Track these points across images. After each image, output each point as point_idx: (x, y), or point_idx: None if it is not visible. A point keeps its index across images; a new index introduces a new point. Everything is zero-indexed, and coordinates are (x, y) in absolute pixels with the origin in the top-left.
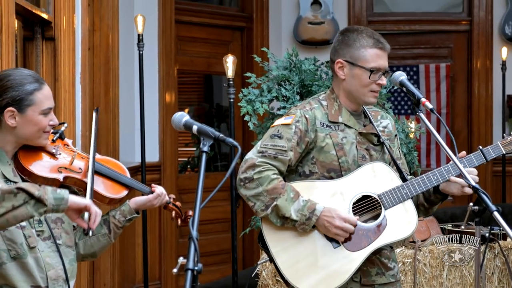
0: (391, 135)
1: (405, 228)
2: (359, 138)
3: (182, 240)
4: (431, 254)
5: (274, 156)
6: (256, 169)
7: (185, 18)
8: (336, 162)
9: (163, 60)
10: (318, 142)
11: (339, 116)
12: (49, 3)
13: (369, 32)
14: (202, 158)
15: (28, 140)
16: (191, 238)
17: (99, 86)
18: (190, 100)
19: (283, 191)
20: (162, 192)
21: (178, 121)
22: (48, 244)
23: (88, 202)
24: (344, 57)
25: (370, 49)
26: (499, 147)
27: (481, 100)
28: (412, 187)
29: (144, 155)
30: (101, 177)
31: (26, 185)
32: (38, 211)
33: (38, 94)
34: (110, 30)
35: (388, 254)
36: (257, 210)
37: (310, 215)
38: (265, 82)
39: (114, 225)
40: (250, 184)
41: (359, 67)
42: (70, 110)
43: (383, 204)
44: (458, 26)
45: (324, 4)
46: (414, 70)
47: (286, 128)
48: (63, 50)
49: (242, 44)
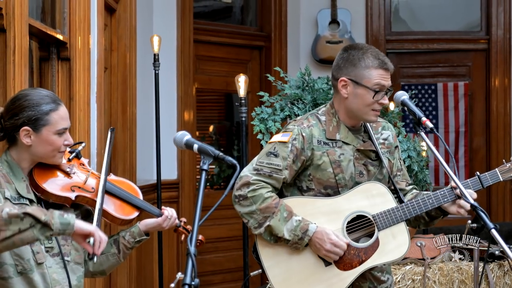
0: (391, 147)
1: (396, 251)
2: (356, 155)
3: (200, 257)
4: (441, 272)
5: (269, 175)
6: (250, 187)
7: (203, 38)
8: (333, 179)
9: (181, 79)
10: (315, 160)
11: (337, 133)
12: (65, 25)
13: (374, 51)
14: (202, 176)
15: (42, 159)
16: (189, 254)
17: (116, 105)
18: (211, 118)
19: (276, 210)
20: (172, 215)
21: (179, 140)
22: (57, 261)
23: (93, 229)
24: (349, 76)
25: (375, 70)
26: (497, 174)
27: (500, 118)
28: (406, 210)
29: (159, 173)
30: (112, 198)
31: (33, 209)
32: (44, 235)
33: (54, 115)
34: (128, 50)
35: (382, 267)
36: (251, 227)
37: (303, 236)
38: (278, 101)
39: (123, 245)
40: (244, 201)
41: (363, 87)
42: (85, 129)
43: (376, 225)
44: (476, 45)
45: (342, 23)
46: (432, 89)
47: (283, 146)
48: (78, 70)
49: (260, 63)
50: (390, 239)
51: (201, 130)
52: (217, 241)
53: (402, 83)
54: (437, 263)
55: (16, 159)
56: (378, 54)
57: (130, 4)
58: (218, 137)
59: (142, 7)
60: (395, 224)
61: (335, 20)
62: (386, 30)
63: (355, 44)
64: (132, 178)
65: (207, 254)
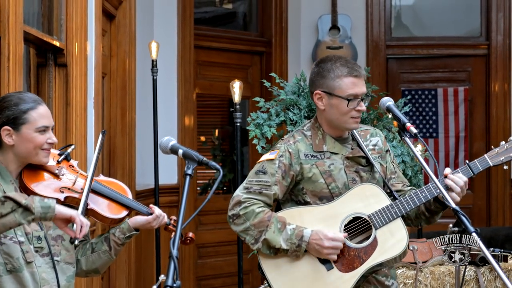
0: (382, 152)
1: (396, 247)
2: (346, 163)
3: (200, 261)
4: (432, 275)
5: (259, 192)
6: (242, 205)
7: (204, 44)
8: (326, 189)
9: (182, 84)
10: (305, 173)
11: (324, 145)
12: (62, 31)
13: (343, 60)
14: (186, 181)
15: (27, 158)
16: (171, 256)
17: (115, 110)
18: (214, 123)
19: (269, 223)
20: (161, 214)
21: (165, 145)
22: (46, 260)
23: (74, 213)
24: (321, 88)
25: (345, 78)
26: (486, 159)
27: (499, 123)
28: (401, 206)
29: (157, 178)
30: (102, 198)
31: (14, 194)
32: (26, 219)
33: (32, 113)
34: (127, 55)
35: (386, 272)
36: (249, 243)
37: (300, 242)
38: (273, 106)
39: (114, 242)
40: (238, 220)
41: (336, 97)
42: (81, 134)
43: (373, 224)
44: (476, 50)
45: (342, 29)
46: (432, 94)
47: (270, 163)
48: (75, 76)
49: (261, 68)
50: (388, 236)
51: (203, 135)
52: (217, 245)
53: (403, 88)
54: (428, 266)
55: (3, 162)
56: (347, 63)
57: (130, 11)
58: (221, 141)
59: (142, 13)
60: (391, 221)
61: (336, 26)
62: (386, 35)
63: (325, 57)
64: (131, 182)
65: (208, 258)
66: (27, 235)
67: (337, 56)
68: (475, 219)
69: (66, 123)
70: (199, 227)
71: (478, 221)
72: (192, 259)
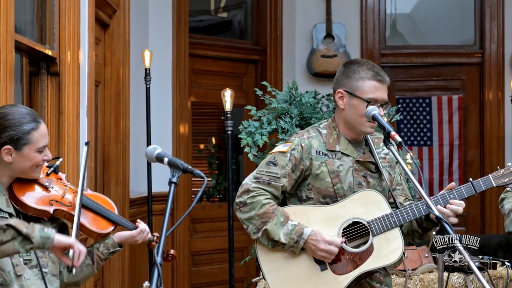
0: (392, 162)
1: (390, 256)
2: (356, 166)
3: (195, 268)
4: (421, 283)
5: (268, 182)
6: (250, 194)
7: (199, 52)
8: (331, 188)
9: (176, 92)
10: (313, 169)
11: (337, 145)
12: (54, 40)
13: (370, 64)
14: (171, 189)
15: (22, 174)
16: (155, 264)
17: (109, 118)
18: (210, 131)
19: (273, 216)
20: (146, 229)
21: (150, 153)
22: (35, 272)
23: (73, 241)
24: (344, 87)
25: (368, 81)
26: (490, 180)
27: (493, 131)
28: (400, 216)
29: (150, 185)
30: (89, 212)
31: (15, 222)
32: (24, 248)
33: (35, 133)
34: (121, 64)
35: (381, 279)
36: (250, 232)
37: (298, 239)
38: (265, 114)
39: (97, 256)
40: (244, 208)
41: (357, 98)
42: (74, 142)
43: (371, 231)
44: (470, 59)
45: (337, 38)
46: (426, 102)
47: (282, 155)
48: (67, 84)
49: (256, 76)
50: (384, 244)
51: (198, 143)
52: (212, 253)
53: (397, 96)
54: (418, 274)
55: None
56: (373, 67)
57: (124, 20)
58: (218, 149)
59: (137, 22)
60: (389, 230)
61: (330, 34)
62: (380, 44)
63: (354, 59)
64: (125, 190)
65: (203, 266)
66: None
67: (366, 60)
68: (469, 227)
69: (59, 131)
70: (193, 234)
71: (472, 229)
72: (186, 266)
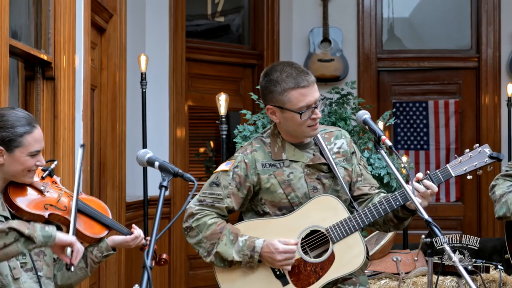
0: (347, 154)
1: (352, 262)
2: (307, 170)
3: (192, 272)
4: (415, 286)
5: (211, 205)
6: (194, 217)
7: (196, 56)
8: (285, 199)
9: (173, 96)
10: (263, 183)
11: (283, 153)
12: (50, 45)
13: (288, 69)
14: (161, 192)
15: (14, 177)
16: (145, 267)
17: (106, 122)
18: (208, 135)
19: (221, 236)
20: (140, 235)
21: (142, 157)
22: (30, 275)
23: (73, 239)
24: (272, 103)
25: (293, 91)
26: (447, 170)
27: (490, 135)
28: (359, 219)
29: (146, 189)
30: (83, 216)
31: (16, 223)
32: (27, 248)
33: (28, 137)
34: (118, 68)
35: (354, 280)
36: (202, 256)
37: (252, 253)
38: (260, 119)
39: (91, 260)
40: (191, 232)
41: (288, 111)
42: (69, 146)
43: (330, 238)
44: (466, 63)
45: (333, 42)
46: (423, 106)
47: (224, 175)
48: (63, 89)
49: (253, 81)
50: (345, 250)
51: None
52: None
53: (394, 100)
54: (411, 277)
55: None
56: (292, 72)
57: (120, 24)
58: (215, 153)
59: (134, 26)
60: (349, 235)
61: (327, 39)
62: (377, 48)
63: (271, 67)
64: (121, 194)
65: (199, 269)
66: None
67: (283, 65)
68: (465, 231)
69: (54, 135)
70: None
71: (468, 233)
72: (183, 270)
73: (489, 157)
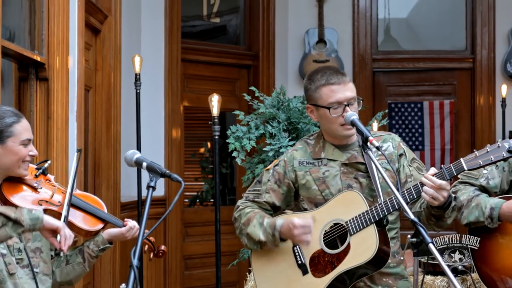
0: (393, 157)
1: (364, 254)
2: (344, 169)
3: (187, 272)
4: None
5: (251, 200)
6: (238, 209)
7: (191, 57)
8: (320, 196)
9: (169, 97)
10: (299, 180)
11: (322, 152)
12: (43, 46)
13: (324, 70)
14: (149, 193)
15: (9, 170)
16: (131, 266)
17: (100, 123)
18: (205, 136)
19: (253, 219)
20: (135, 226)
21: (130, 158)
22: (26, 272)
23: (61, 224)
24: (309, 102)
25: (323, 88)
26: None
27: (484, 136)
28: (375, 212)
29: (140, 189)
30: (78, 211)
31: (2, 208)
32: (16, 232)
33: (17, 126)
34: (112, 69)
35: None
36: (243, 243)
37: (273, 232)
38: (253, 119)
39: (88, 254)
40: (236, 223)
41: (320, 107)
42: (62, 147)
43: (348, 230)
44: (461, 64)
45: (329, 43)
46: (418, 107)
47: (266, 173)
48: (56, 90)
49: (248, 81)
50: (360, 242)
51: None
52: (204, 256)
53: (389, 101)
54: None
55: None
56: (325, 72)
57: (115, 25)
58: (212, 153)
59: (129, 27)
60: (365, 228)
61: (322, 40)
62: (372, 49)
63: (313, 71)
64: (116, 195)
65: (195, 269)
66: (8, 248)
67: (322, 67)
68: (460, 230)
69: (47, 136)
70: (186, 238)
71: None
72: (179, 270)
73: (508, 151)
